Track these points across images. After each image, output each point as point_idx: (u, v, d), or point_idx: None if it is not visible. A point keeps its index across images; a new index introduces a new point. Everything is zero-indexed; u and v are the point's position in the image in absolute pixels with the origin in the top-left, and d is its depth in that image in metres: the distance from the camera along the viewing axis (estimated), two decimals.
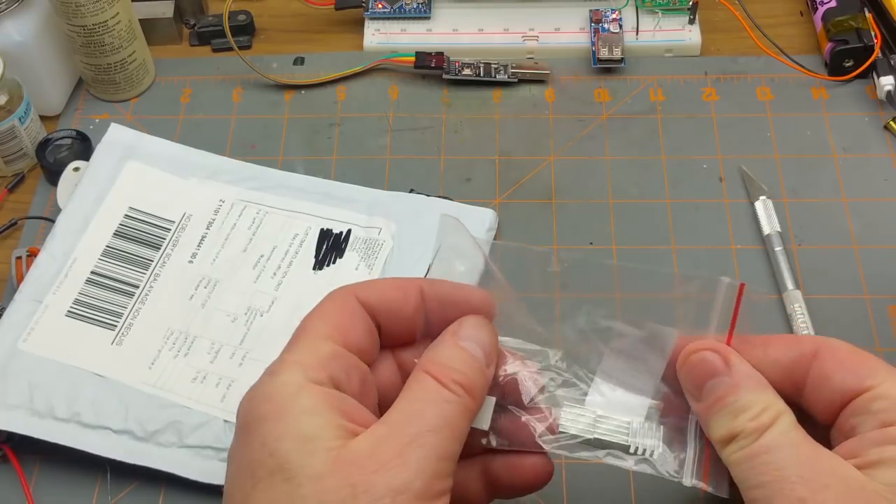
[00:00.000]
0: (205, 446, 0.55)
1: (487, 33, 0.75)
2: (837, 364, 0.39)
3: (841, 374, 0.39)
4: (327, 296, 0.41)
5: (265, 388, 0.38)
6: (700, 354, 0.40)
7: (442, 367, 0.39)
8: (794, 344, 0.41)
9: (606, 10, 0.74)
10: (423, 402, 0.38)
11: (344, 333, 0.39)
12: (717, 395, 0.39)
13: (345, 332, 0.39)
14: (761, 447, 0.37)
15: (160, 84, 0.74)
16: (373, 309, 0.41)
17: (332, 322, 0.39)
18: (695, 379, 0.40)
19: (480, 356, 0.40)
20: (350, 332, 0.40)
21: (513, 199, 0.67)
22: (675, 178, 0.67)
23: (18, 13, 0.67)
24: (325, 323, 0.39)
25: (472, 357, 0.40)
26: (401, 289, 0.42)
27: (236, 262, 0.62)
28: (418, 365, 0.39)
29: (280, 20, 0.78)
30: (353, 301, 0.40)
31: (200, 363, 0.58)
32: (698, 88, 0.72)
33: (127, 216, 0.64)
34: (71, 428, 0.56)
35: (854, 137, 0.69)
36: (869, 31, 0.70)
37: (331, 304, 0.40)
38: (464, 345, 0.40)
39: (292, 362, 0.38)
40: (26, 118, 0.68)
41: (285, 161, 0.69)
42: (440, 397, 0.38)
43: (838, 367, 0.39)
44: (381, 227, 0.63)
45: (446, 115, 0.72)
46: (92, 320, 0.60)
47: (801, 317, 0.59)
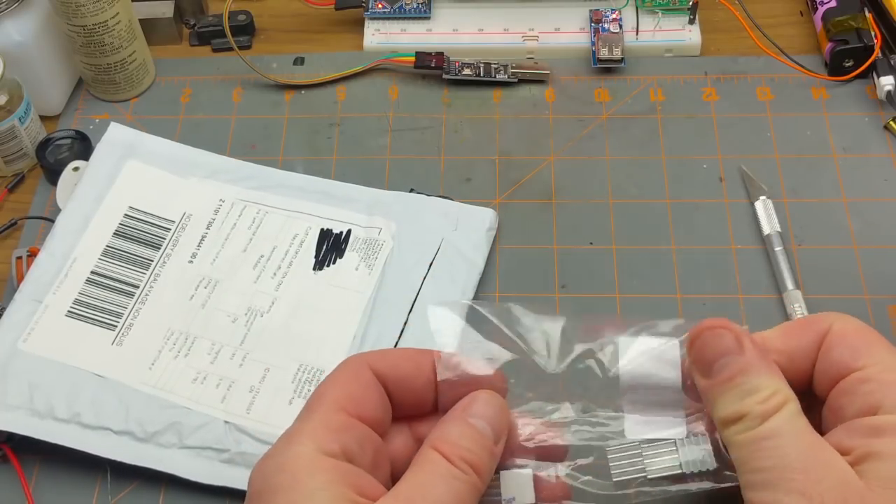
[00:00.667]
0: (205, 447, 0.55)
1: (487, 33, 0.75)
2: (840, 339, 0.39)
3: (839, 349, 0.39)
4: (341, 364, 0.41)
5: (279, 459, 0.38)
6: (714, 331, 0.40)
7: (450, 445, 0.39)
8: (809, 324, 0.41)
9: (606, 10, 0.74)
10: (432, 477, 0.38)
11: (357, 404, 0.39)
12: (727, 374, 0.39)
13: (358, 403, 0.40)
14: (766, 431, 0.37)
15: (160, 84, 0.74)
16: (385, 380, 0.41)
17: (346, 392, 0.40)
18: (706, 355, 0.40)
19: (489, 434, 0.40)
20: (363, 404, 0.40)
21: (513, 199, 0.67)
22: (675, 178, 0.67)
23: (18, 13, 0.67)
24: (338, 393, 0.40)
25: (480, 435, 0.40)
26: (414, 361, 0.42)
27: (236, 262, 0.62)
28: (427, 441, 0.39)
29: (280, 20, 0.78)
30: (366, 372, 0.41)
31: (201, 364, 0.58)
32: (698, 88, 0.72)
33: (127, 216, 0.64)
34: (71, 428, 0.56)
35: (854, 137, 0.69)
36: (869, 31, 0.70)
37: (344, 373, 0.41)
38: (473, 422, 0.40)
39: (306, 432, 0.38)
40: (26, 118, 0.68)
41: (285, 161, 0.69)
42: (448, 474, 0.38)
43: (840, 341, 0.39)
44: (382, 227, 0.63)
45: (446, 115, 0.72)
46: (92, 320, 0.60)
47: (801, 317, 0.59)
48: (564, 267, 0.63)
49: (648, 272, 0.63)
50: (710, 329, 0.40)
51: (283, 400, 0.57)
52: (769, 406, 0.37)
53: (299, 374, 0.58)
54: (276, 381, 0.58)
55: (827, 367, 0.39)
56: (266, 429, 0.56)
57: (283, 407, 0.57)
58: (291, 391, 0.57)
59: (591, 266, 0.63)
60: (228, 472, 0.55)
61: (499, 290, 0.63)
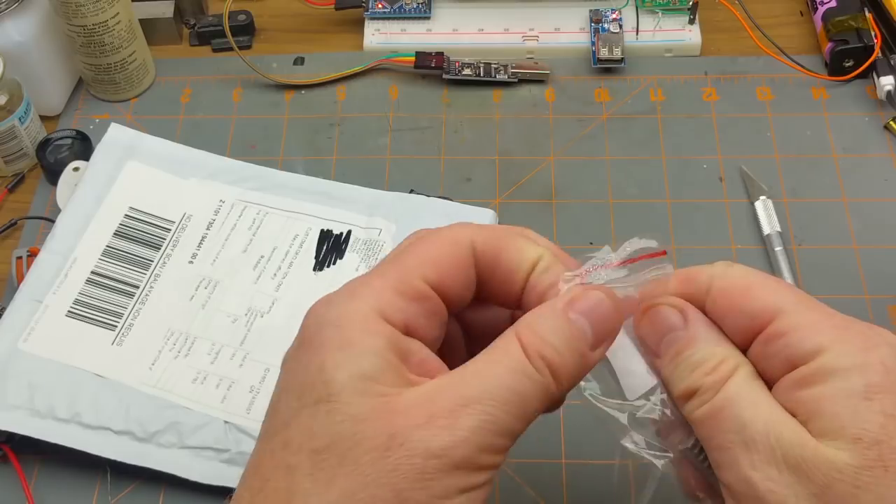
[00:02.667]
0: (205, 447, 0.55)
1: (487, 33, 0.75)
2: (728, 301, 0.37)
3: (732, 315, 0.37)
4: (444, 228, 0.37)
5: (338, 309, 0.35)
6: (656, 308, 0.38)
7: (536, 337, 0.35)
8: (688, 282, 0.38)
9: (606, 10, 0.74)
10: (500, 366, 0.34)
11: (440, 275, 0.36)
12: (674, 350, 0.37)
13: (442, 274, 0.36)
14: (722, 401, 0.35)
15: (160, 84, 0.74)
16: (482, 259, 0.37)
17: (433, 258, 0.36)
18: (652, 335, 0.38)
19: (588, 335, 0.36)
20: (447, 277, 0.36)
21: (513, 199, 0.67)
22: (675, 178, 0.67)
23: (18, 13, 0.67)
24: (424, 257, 0.37)
25: (575, 334, 0.35)
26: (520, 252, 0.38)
27: (236, 262, 0.62)
28: (514, 325, 0.35)
29: (280, 20, 0.78)
30: (465, 247, 0.37)
31: (201, 364, 0.58)
32: (698, 88, 0.72)
33: (127, 216, 0.64)
34: (71, 428, 0.56)
35: (854, 137, 0.69)
36: (869, 31, 0.70)
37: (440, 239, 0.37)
38: (573, 317, 0.35)
39: (374, 290, 0.35)
40: (26, 118, 0.68)
41: (285, 161, 0.69)
42: (519, 368, 0.34)
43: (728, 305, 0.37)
44: (382, 227, 0.63)
45: (446, 115, 0.72)
46: (92, 320, 0.60)
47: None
48: None
49: None
50: (652, 307, 0.38)
51: None
52: (720, 375, 0.36)
53: None
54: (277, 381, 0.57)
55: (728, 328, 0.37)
56: None
57: None
58: None
59: None
60: (228, 472, 0.55)
61: None
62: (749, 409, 0.35)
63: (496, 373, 0.34)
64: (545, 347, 0.35)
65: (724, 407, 0.35)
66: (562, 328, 0.35)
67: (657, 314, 0.38)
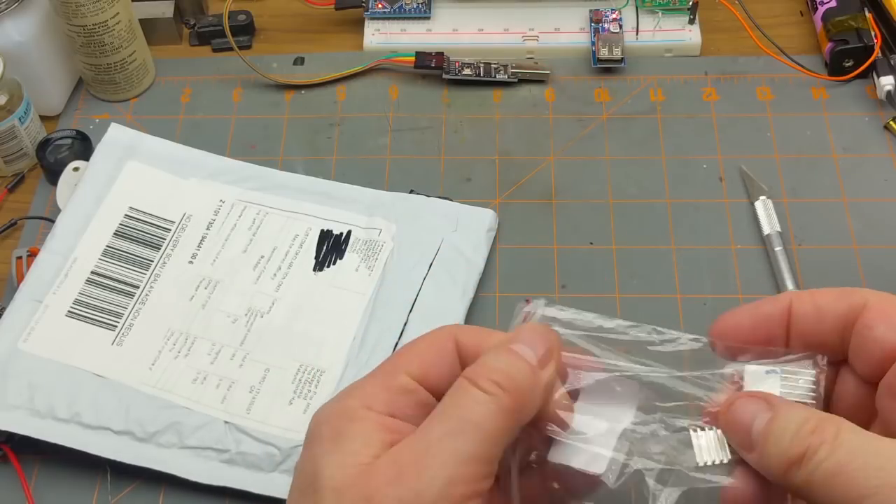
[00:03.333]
0: (205, 447, 0.55)
1: (487, 33, 0.75)
2: (883, 316, 0.37)
3: (884, 326, 0.36)
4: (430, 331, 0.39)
5: (331, 408, 0.38)
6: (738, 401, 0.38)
7: (482, 369, 0.36)
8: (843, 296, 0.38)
9: (606, 10, 0.74)
10: (453, 405, 0.36)
11: (426, 370, 0.38)
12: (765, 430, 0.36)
13: (427, 369, 0.38)
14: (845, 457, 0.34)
15: (160, 84, 0.74)
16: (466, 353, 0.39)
17: (418, 357, 0.38)
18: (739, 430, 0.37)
19: (530, 354, 0.37)
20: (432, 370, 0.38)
21: (513, 199, 0.67)
22: (675, 178, 0.67)
23: (18, 13, 0.67)
24: (410, 356, 0.39)
25: (517, 356, 0.37)
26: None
27: (236, 262, 0.62)
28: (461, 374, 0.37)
29: (280, 20, 0.78)
30: (449, 342, 0.39)
31: (201, 364, 0.58)
32: (698, 88, 0.72)
33: (127, 216, 0.64)
34: (71, 428, 0.56)
35: (854, 137, 0.69)
36: (869, 31, 0.70)
37: (425, 340, 0.39)
38: (514, 347, 0.37)
39: (361, 389, 0.38)
40: (26, 118, 0.68)
41: (285, 161, 0.69)
42: (471, 397, 0.36)
43: (883, 318, 0.37)
44: (382, 228, 0.63)
45: (446, 115, 0.72)
46: (92, 320, 0.60)
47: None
48: (564, 267, 0.63)
49: (648, 272, 0.63)
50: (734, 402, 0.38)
51: (284, 400, 0.57)
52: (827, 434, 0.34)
53: (299, 374, 0.58)
54: (277, 381, 0.58)
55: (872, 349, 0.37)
56: (266, 429, 0.56)
57: (284, 407, 0.57)
58: (291, 392, 0.57)
59: (591, 266, 0.63)
60: (228, 473, 0.55)
61: (499, 291, 0.63)
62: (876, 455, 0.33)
63: (451, 412, 0.36)
64: (491, 372, 0.36)
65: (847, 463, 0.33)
66: (504, 355, 0.37)
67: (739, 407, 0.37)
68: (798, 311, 0.39)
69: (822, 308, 0.38)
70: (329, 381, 0.58)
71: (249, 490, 0.54)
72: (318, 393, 0.57)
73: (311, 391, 0.57)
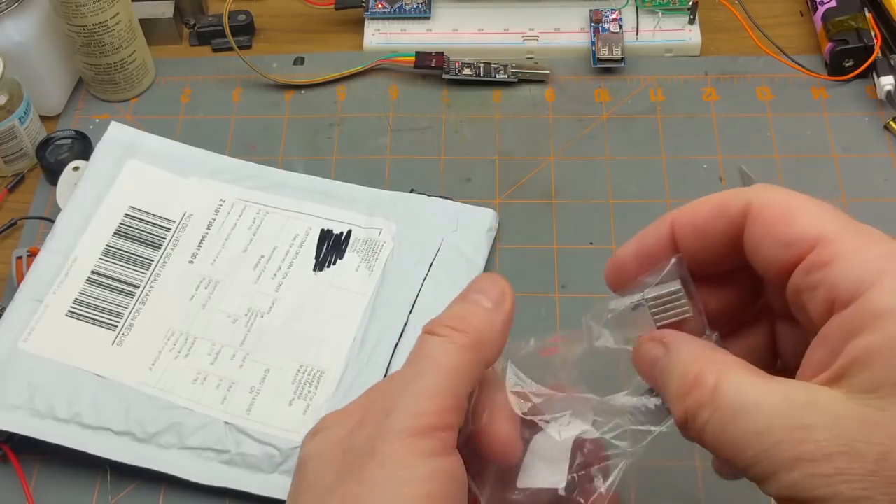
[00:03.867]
0: (205, 448, 0.55)
1: (487, 33, 0.75)
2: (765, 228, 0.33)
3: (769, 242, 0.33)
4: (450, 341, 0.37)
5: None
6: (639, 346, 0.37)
7: (437, 320, 0.38)
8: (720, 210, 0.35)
9: (606, 10, 0.74)
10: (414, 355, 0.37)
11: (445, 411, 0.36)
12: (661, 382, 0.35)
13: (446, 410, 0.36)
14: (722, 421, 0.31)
15: (160, 84, 0.74)
16: None
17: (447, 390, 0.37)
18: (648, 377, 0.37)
19: (483, 301, 0.38)
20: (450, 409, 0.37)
21: (513, 199, 0.67)
22: (675, 178, 0.67)
23: (18, 13, 0.67)
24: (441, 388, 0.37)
25: (470, 301, 0.38)
26: None
27: (237, 262, 0.62)
28: None
29: (280, 20, 0.78)
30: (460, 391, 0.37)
31: (201, 364, 0.58)
32: (698, 88, 0.72)
33: (127, 215, 0.64)
34: (71, 429, 0.56)
35: (854, 137, 0.69)
36: (869, 31, 0.70)
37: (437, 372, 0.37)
38: (466, 296, 0.39)
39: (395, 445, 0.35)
40: (26, 118, 0.68)
41: (285, 161, 0.69)
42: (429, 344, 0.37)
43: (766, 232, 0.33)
44: (382, 227, 0.63)
45: (446, 115, 0.72)
46: (92, 320, 0.60)
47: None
48: (564, 267, 0.63)
49: None
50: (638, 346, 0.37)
51: (284, 401, 0.57)
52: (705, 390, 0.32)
53: (299, 374, 0.58)
54: (277, 381, 0.58)
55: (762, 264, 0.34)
56: (266, 430, 0.56)
57: (284, 408, 0.57)
58: (292, 392, 0.57)
59: (591, 266, 0.63)
60: (228, 473, 0.55)
61: None
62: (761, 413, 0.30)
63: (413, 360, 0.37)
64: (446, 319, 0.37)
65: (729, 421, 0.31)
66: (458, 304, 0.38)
67: (639, 353, 0.37)
68: (680, 237, 0.37)
69: (702, 231, 0.36)
70: (329, 382, 0.58)
71: (249, 491, 0.54)
72: (318, 393, 0.57)
73: (312, 392, 0.57)
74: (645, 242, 0.38)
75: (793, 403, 0.30)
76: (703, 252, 0.36)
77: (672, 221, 0.37)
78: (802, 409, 0.30)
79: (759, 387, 0.31)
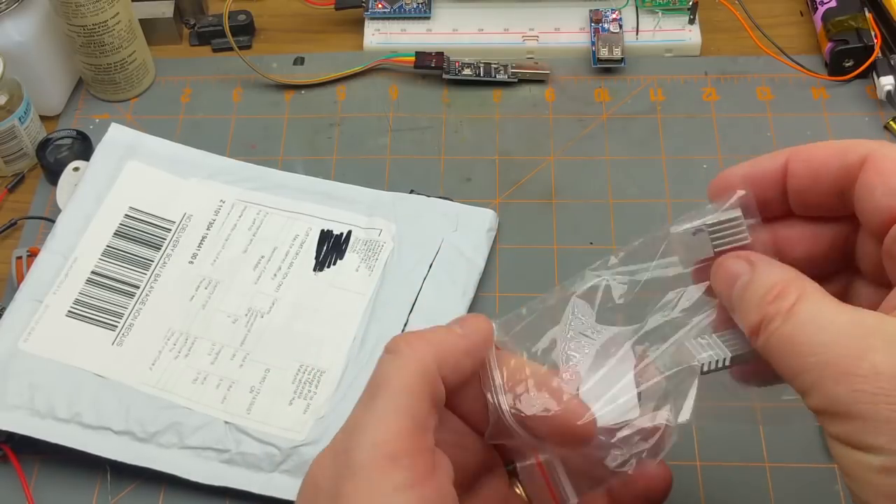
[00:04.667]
0: (205, 447, 0.55)
1: (487, 33, 0.75)
2: (880, 176, 0.34)
3: (882, 189, 0.34)
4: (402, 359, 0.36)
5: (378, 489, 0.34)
6: (720, 263, 0.37)
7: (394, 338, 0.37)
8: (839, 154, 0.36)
9: (606, 10, 0.74)
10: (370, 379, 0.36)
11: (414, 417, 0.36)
12: (740, 295, 0.36)
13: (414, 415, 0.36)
14: (793, 329, 0.33)
15: (160, 84, 0.74)
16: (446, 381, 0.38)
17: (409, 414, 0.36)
18: (725, 290, 0.37)
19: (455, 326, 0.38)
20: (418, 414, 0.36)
21: (513, 199, 0.67)
22: (675, 178, 0.67)
23: (18, 13, 0.67)
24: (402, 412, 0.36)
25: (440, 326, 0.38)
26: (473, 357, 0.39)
27: (237, 262, 0.62)
28: None
29: (280, 20, 0.78)
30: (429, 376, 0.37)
31: (201, 364, 0.58)
32: (698, 88, 0.72)
33: (127, 216, 0.64)
34: (71, 428, 0.56)
35: (854, 137, 0.68)
36: (869, 31, 0.70)
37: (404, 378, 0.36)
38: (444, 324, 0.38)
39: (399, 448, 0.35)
40: (26, 118, 0.68)
41: (285, 161, 0.69)
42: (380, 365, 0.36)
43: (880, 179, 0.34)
44: (382, 228, 0.63)
45: (446, 115, 0.72)
46: (92, 320, 0.60)
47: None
48: (564, 267, 0.63)
49: None
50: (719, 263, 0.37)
51: (284, 400, 0.57)
52: (786, 302, 0.33)
53: (299, 374, 0.58)
54: (277, 381, 0.58)
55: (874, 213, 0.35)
56: (266, 429, 0.56)
57: (284, 407, 0.57)
58: (292, 392, 0.57)
59: (591, 266, 0.63)
60: (228, 473, 0.55)
61: (498, 290, 0.63)
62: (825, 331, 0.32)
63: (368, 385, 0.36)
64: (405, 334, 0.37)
65: (797, 334, 0.33)
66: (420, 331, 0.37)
67: (722, 268, 0.37)
68: (793, 170, 0.37)
69: (816, 169, 0.37)
70: (329, 382, 0.58)
71: (249, 490, 0.54)
72: (318, 393, 0.57)
73: (312, 391, 0.57)
74: (757, 167, 0.39)
75: (861, 325, 0.32)
76: (810, 189, 0.37)
77: (789, 154, 0.37)
78: (869, 331, 0.31)
79: (835, 308, 0.33)
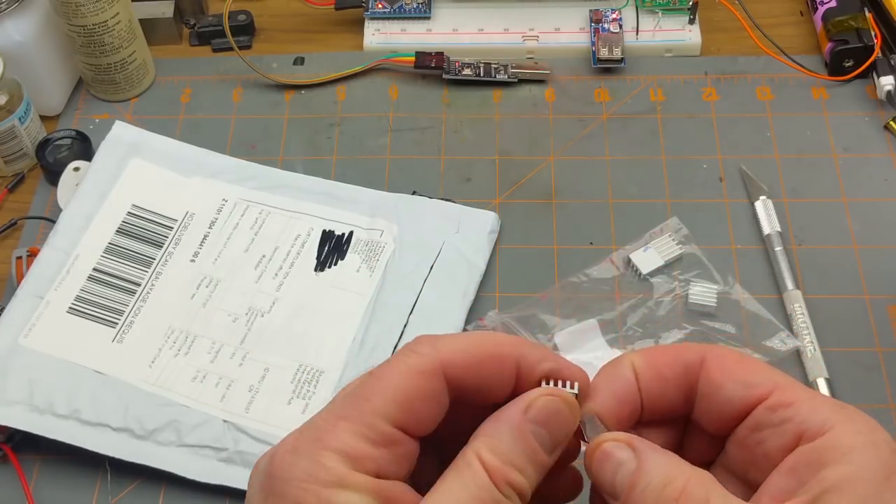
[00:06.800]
0: (203, 445, 0.55)
1: (487, 33, 0.75)
2: (725, 373, 0.35)
3: (731, 384, 0.35)
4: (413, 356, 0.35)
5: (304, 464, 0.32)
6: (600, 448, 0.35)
7: (499, 461, 0.33)
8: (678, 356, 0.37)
9: (606, 9, 0.74)
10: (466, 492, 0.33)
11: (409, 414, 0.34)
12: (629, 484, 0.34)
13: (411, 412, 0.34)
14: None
15: (160, 84, 0.74)
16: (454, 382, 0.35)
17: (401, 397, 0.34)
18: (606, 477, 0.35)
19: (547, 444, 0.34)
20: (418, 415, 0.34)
21: (513, 199, 0.67)
22: (675, 178, 0.67)
23: (18, 13, 0.67)
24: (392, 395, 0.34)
25: (536, 448, 0.34)
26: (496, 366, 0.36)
27: (238, 261, 0.62)
28: (472, 443, 0.34)
29: (280, 20, 0.78)
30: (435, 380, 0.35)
31: (200, 362, 0.58)
32: (698, 88, 0.72)
33: (130, 213, 0.64)
34: (70, 425, 0.56)
35: (854, 137, 0.69)
36: (869, 31, 0.70)
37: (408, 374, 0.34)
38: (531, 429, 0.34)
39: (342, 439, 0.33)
40: (26, 118, 0.68)
41: (285, 161, 0.69)
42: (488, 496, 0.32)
43: (726, 376, 0.35)
44: (383, 229, 0.63)
45: (446, 115, 0.72)
46: (93, 317, 0.60)
47: (802, 317, 0.59)
48: (564, 267, 0.63)
49: None
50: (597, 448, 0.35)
51: (283, 400, 0.57)
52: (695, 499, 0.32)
53: (299, 374, 0.58)
54: (276, 380, 0.58)
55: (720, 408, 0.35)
56: (265, 428, 0.56)
57: (282, 407, 0.57)
58: (291, 391, 0.57)
59: (591, 266, 0.63)
60: (226, 471, 0.55)
61: (499, 290, 0.63)
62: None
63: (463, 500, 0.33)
64: (510, 473, 0.33)
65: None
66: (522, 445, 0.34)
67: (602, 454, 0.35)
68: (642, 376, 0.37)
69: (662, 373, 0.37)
70: (328, 382, 0.58)
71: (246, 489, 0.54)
72: (317, 393, 0.57)
73: (310, 391, 0.57)
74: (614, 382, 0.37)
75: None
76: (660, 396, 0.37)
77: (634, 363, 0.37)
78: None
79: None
